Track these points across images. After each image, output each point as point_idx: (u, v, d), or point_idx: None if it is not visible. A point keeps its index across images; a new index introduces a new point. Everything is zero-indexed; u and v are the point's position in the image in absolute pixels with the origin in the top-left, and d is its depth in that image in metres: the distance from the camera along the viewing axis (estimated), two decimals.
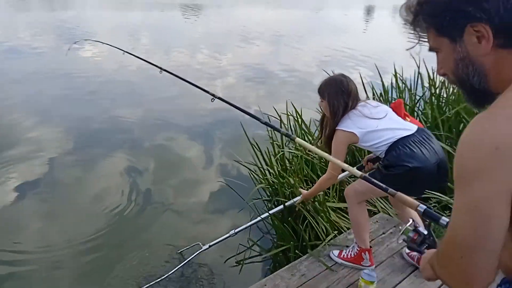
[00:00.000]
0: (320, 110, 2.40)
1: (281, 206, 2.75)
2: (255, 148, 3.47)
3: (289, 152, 3.45)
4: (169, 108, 6.27)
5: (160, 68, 2.84)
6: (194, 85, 2.65)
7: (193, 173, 4.36)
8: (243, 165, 3.59)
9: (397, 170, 2.01)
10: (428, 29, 0.85)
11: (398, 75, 4.57)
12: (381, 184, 1.60)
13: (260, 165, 3.46)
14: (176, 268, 2.65)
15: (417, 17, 0.85)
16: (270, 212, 2.77)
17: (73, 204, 3.64)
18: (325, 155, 1.92)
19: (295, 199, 2.67)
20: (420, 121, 4.00)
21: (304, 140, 3.69)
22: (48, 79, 7.60)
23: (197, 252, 2.69)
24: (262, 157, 3.51)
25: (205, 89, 2.59)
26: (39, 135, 5.07)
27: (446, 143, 3.48)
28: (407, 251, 2.44)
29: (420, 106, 4.21)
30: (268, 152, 3.52)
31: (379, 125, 2.11)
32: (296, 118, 3.92)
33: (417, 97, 4.32)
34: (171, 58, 9.89)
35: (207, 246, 2.68)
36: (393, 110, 2.26)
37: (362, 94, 4.20)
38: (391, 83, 4.60)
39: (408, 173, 1.98)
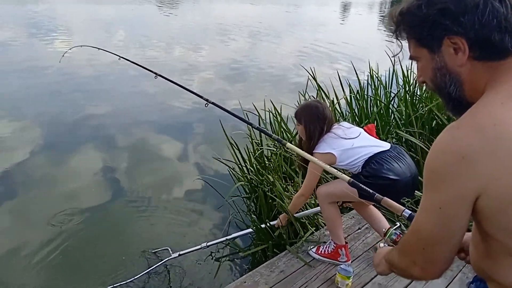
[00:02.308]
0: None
1: (250, 229, 2.80)
2: (233, 147, 3.49)
3: (268, 149, 3.48)
4: (146, 105, 6.20)
5: (155, 73, 2.82)
6: (189, 90, 2.65)
7: (171, 171, 4.35)
8: (222, 163, 3.60)
9: (378, 180, 2.07)
10: (409, 39, 0.88)
11: (373, 73, 4.65)
12: (368, 189, 1.68)
13: (239, 163, 3.48)
14: (143, 272, 2.63)
15: (399, 27, 0.89)
16: (238, 234, 2.81)
17: (44, 202, 3.57)
18: (315, 159, 2.00)
19: (273, 222, 2.70)
20: (394, 118, 4.11)
21: (283, 137, 3.73)
22: (19, 74, 7.36)
23: (166, 259, 2.68)
24: (240, 154, 3.53)
25: (200, 95, 2.59)
26: (8, 131, 4.93)
27: (420, 139, 3.59)
28: (381, 245, 2.53)
29: (394, 104, 4.31)
30: (247, 149, 3.55)
31: (355, 143, 2.21)
32: (274, 115, 3.95)
33: (392, 95, 4.42)
34: (147, 54, 9.73)
35: (176, 254, 2.67)
36: (367, 132, 2.36)
37: (339, 92, 4.35)
38: (367, 80, 4.68)
39: (387, 184, 2.06)
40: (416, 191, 2.28)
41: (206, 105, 2.54)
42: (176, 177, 4.21)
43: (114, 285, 2.57)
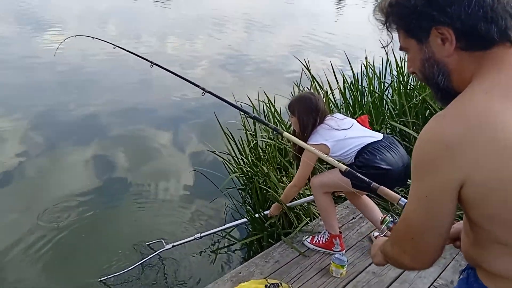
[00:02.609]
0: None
1: (244, 219, 2.81)
2: (229, 138, 3.49)
3: (262, 140, 3.49)
4: (141, 95, 6.14)
5: (151, 62, 2.80)
6: (185, 79, 2.63)
7: (165, 163, 4.34)
8: (217, 155, 3.60)
9: (370, 170, 2.08)
10: (398, 30, 0.89)
11: (368, 63, 4.65)
12: (364, 179, 1.69)
13: (234, 155, 3.48)
14: (136, 264, 2.63)
15: (388, 18, 0.89)
16: (233, 223, 2.81)
17: (37, 194, 3.54)
18: (312, 148, 2.02)
19: (266, 212, 2.71)
20: (388, 108, 4.12)
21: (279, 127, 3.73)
22: (13, 67, 7.27)
23: (160, 250, 2.68)
24: (236, 146, 3.53)
25: (196, 84, 2.57)
26: (3, 124, 4.88)
27: (413, 129, 3.61)
28: (376, 234, 2.55)
29: (388, 94, 4.31)
30: (242, 141, 3.54)
31: (347, 134, 2.22)
32: (268, 106, 3.95)
33: (386, 85, 4.42)
34: (142, 44, 9.65)
35: (170, 245, 2.67)
36: (360, 124, 2.37)
37: (334, 83, 4.35)
38: (361, 70, 4.68)
39: (380, 174, 2.06)
40: (409, 180, 2.29)
41: (203, 94, 2.53)
42: (171, 169, 4.20)
43: (108, 276, 2.57)
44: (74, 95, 6.05)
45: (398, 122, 3.72)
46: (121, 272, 2.60)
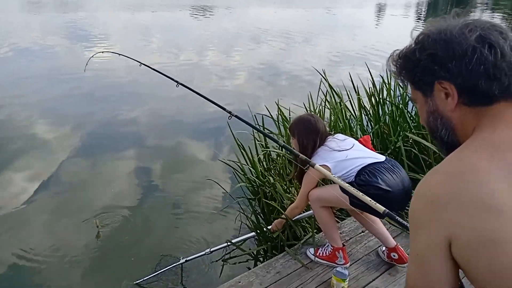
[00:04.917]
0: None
1: (252, 233, 2.81)
2: (241, 148, 3.51)
3: (273, 151, 3.49)
4: (168, 110, 6.28)
5: (177, 82, 2.87)
6: (211, 101, 2.68)
7: (187, 175, 4.40)
8: (227, 164, 3.63)
9: (370, 189, 2.04)
10: (407, 81, 0.90)
11: (389, 74, 4.55)
12: (373, 202, 1.66)
13: (243, 164, 3.49)
14: (150, 276, 2.72)
15: (397, 69, 0.90)
16: (241, 238, 2.81)
17: (72, 203, 3.73)
18: (321, 168, 2.04)
19: (268, 226, 2.72)
20: (407, 120, 3.99)
21: None
22: (59, 79, 7.70)
23: (173, 265, 2.74)
24: (247, 156, 3.55)
25: (222, 106, 2.61)
26: (49, 134, 5.19)
27: (433, 142, 3.48)
28: (383, 248, 2.48)
29: (408, 106, 4.18)
30: (256, 151, 3.55)
31: (349, 155, 2.20)
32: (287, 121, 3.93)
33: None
34: (181, 58, 9.97)
35: (183, 260, 2.74)
36: (362, 144, 2.35)
37: (361, 93, 4.27)
38: (383, 81, 4.57)
39: (379, 195, 2.01)
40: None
41: (230, 117, 2.59)
42: (190, 182, 4.25)
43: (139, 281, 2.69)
44: (111, 107, 6.32)
45: (417, 134, 3.61)
46: (133, 283, 2.71)
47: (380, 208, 1.64)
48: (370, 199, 1.71)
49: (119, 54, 3.80)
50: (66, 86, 7.26)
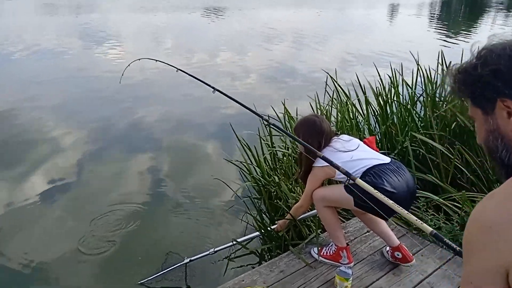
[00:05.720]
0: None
1: (257, 233, 2.81)
2: (244, 147, 3.53)
3: (279, 150, 3.50)
4: (188, 111, 6.30)
5: (213, 88, 2.77)
6: (247, 107, 2.63)
7: (195, 173, 4.43)
8: (233, 163, 3.65)
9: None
10: (465, 97, 0.86)
11: (397, 72, 4.50)
12: (419, 221, 1.61)
13: (250, 163, 3.50)
14: (155, 275, 2.75)
15: (456, 84, 0.86)
16: (246, 237, 2.80)
17: (85, 201, 3.81)
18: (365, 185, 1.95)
19: (273, 226, 2.73)
20: (414, 120, 3.96)
21: None
22: (74, 80, 7.79)
23: (178, 264, 2.76)
24: (253, 156, 3.57)
25: (258, 113, 2.59)
26: (66, 135, 5.28)
27: (440, 142, 3.44)
28: (387, 248, 2.46)
29: (416, 106, 4.14)
30: (262, 151, 3.56)
31: (354, 155, 2.19)
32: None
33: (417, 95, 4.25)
34: (194, 58, 10.03)
35: (188, 260, 2.75)
36: (367, 145, 2.34)
37: (368, 93, 4.24)
38: (391, 81, 4.54)
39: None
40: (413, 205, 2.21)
41: (262, 122, 2.61)
42: (197, 181, 4.27)
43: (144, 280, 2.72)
44: (132, 110, 6.35)
45: (424, 135, 3.57)
46: (138, 282, 2.74)
47: (427, 228, 1.53)
48: (416, 219, 1.61)
49: (156, 60, 3.66)
50: (80, 86, 7.33)
